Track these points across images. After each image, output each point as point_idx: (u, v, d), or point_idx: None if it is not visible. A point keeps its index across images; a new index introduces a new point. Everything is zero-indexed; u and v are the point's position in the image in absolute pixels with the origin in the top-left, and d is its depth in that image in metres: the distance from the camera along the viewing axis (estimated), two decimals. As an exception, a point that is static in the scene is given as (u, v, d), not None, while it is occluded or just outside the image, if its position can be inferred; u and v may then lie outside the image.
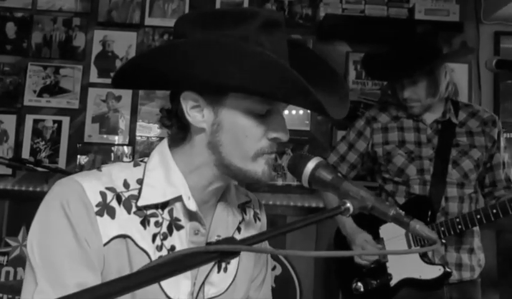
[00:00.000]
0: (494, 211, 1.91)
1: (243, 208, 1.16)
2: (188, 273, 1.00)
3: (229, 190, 1.11)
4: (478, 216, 1.94)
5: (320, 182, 0.89)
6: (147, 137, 3.00)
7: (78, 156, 2.95)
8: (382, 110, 2.26)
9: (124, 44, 3.04)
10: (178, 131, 1.01)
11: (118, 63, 3.03)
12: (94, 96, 3.00)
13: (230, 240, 0.71)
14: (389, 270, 2.12)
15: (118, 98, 3.00)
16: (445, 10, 2.77)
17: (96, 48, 3.04)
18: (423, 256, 2.06)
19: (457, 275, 2.08)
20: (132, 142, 3.00)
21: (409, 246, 2.08)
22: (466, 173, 2.10)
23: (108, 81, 3.02)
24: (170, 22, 3.05)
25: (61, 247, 0.90)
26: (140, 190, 0.98)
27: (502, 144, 2.16)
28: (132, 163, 1.04)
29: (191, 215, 1.01)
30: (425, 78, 2.05)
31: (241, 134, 0.95)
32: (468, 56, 2.25)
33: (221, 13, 0.99)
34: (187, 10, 3.06)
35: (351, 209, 0.82)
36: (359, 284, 2.17)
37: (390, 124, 2.20)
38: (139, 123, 3.01)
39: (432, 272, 2.04)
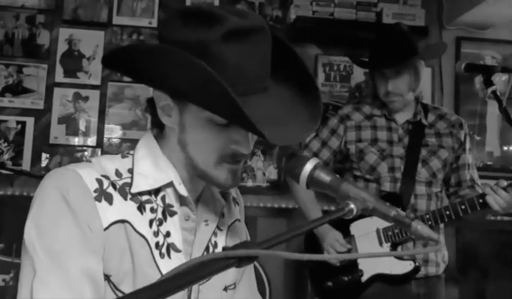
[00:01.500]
0: (463, 207, 1.97)
1: (222, 193, 1.16)
2: (183, 258, 1.00)
3: None
4: (448, 212, 2.00)
5: (319, 183, 0.88)
6: (116, 139, 2.94)
7: (43, 158, 2.86)
8: (356, 109, 2.30)
9: (91, 43, 2.96)
10: (157, 123, 1.03)
11: (85, 63, 2.96)
12: (61, 97, 2.92)
13: (247, 244, 0.70)
14: (360, 267, 2.16)
15: (86, 99, 2.93)
16: (411, 15, 2.86)
17: (62, 47, 2.95)
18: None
19: (424, 270, 2.14)
20: (100, 144, 2.93)
21: (380, 243, 2.13)
22: (435, 172, 2.17)
23: (75, 81, 2.95)
24: (139, 22, 3.01)
25: (62, 235, 0.90)
26: (132, 178, 0.99)
27: (467, 146, 2.25)
28: (119, 155, 1.05)
29: (182, 201, 1.02)
30: (408, 71, 2.11)
31: (202, 141, 0.96)
32: (431, 60, 2.34)
33: (193, 12, 0.94)
34: (156, 10, 3.02)
35: (355, 210, 0.81)
36: (330, 283, 2.21)
37: (364, 122, 2.25)
38: (108, 125, 2.94)
39: (403, 267, 2.09)
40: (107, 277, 0.94)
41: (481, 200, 1.93)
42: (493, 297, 3.21)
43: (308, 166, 0.88)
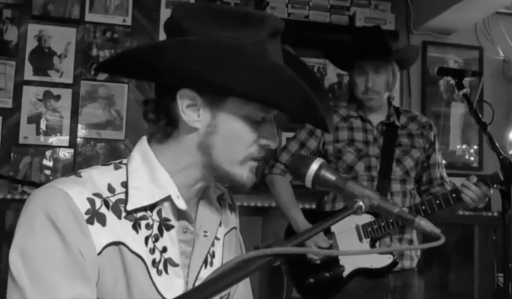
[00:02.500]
0: (438, 202, 2.08)
1: (219, 201, 1.15)
2: (180, 272, 0.99)
3: (209, 186, 1.08)
4: (423, 207, 2.11)
5: (324, 182, 0.90)
6: (90, 139, 2.88)
7: (12, 159, 2.76)
8: (333, 112, 2.37)
9: (63, 40, 2.89)
10: (164, 127, 0.97)
11: (56, 61, 2.87)
12: (30, 95, 2.82)
13: (280, 242, 0.73)
14: (341, 262, 2.22)
15: (57, 98, 2.85)
16: (383, 19, 2.97)
17: (31, 44, 2.86)
18: (373, 247, 2.20)
19: (400, 263, 2.23)
20: (73, 144, 2.86)
21: (360, 239, 2.21)
22: (408, 170, 2.28)
23: (46, 79, 2.86)
24: (112, 19, 2.95)
25: (51, 262, 0.85)
26: (126, 193, 0.94)
27: (437, 146, 2.38)
28: (112, 166, 0.99)
29: (180, 214, 0.99)
30: (386, 70, 2.22)
31: (235, 139, 0.95)
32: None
33: (227, 11, 0.96)
34: (130, 7, 2.98)
35: (363, 207, 0.85)
36: (311, 280, 2.26)
37: (341, 124, 2.32)
38: (81, 125, 2.88)
39: (382, 261, 2.18)
40: None
41: (454, 195, 2.05)
42: (454, 286, 3.40)
43: (314, 166, 0.90)
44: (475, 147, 3.52)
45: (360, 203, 0.85)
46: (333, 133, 2.31)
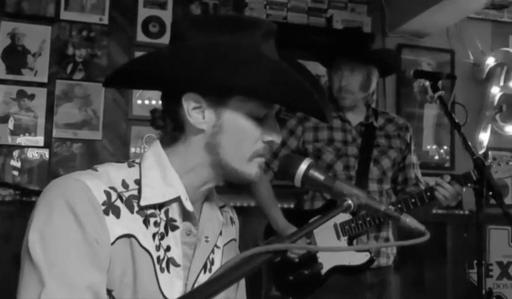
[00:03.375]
0: (413, 200, 2.14)
1: (221, 211, 1.18)
2: (181, 273, 1.01)
3: (212, 193, 1.12)
4: (399, 205, 2.16)
5: (313, 182, 0.93)
6: (66, 140, 2.83)
7: (-15, 159, 2.69)
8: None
9: (37, 38, 2.83)
10: (172, 131, 1.02)
11: (30, 59, 2.82)
12: (3, 95, 2.76)
13: (279, 239, 0.76)
14: (320, 260, 2.26)
15: (31, 97, 2.79)
16: (359, 22, 3.02)
17: (4, 42, 2.79)
18: (351, 245, 2.24)
19: (376, 261, 2.28)
20: (48, 144, 2.81)
21: (338, 236, 2.25)
22: (385, 171, 2.33)
23: (19, 78, 2.80)
24: (89, 18, 2.92)
25: (70, 247, 0.87)
26: (139, 190, 0.98)
27: (412, 147, 2.44)
28: (125, 163, 1.02)
29: (185, 216, 1.02)
30: (361, 71, 2.26)
31: (241, 136, 0.98)
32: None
33: (222, 19, 1.02)
34: (107, 6, 2.94)
35: (352, 206, 0.88)
36: (291, 277, 2.28)
37: (321, 124, 2.36)
38: (56, 125, 2.83)
39: (360, 258, 2.23)
40: (109, 292, 0.93)
41: (428, 194, 2.11)
42: (429, 282, 3.50)
43: (303, 166, 0.93)
44: (447, 147, 3.62)
45: (350, 201, 0.88)
46: (313, 133, 2.35)
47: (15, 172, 2.74)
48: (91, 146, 2.89)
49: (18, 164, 2.74)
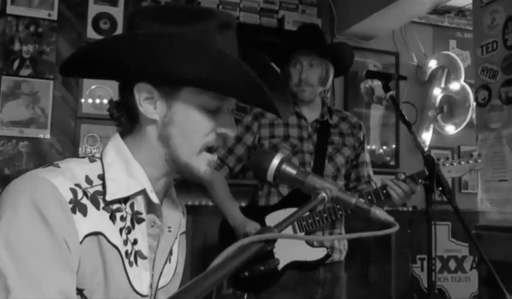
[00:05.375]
0: (369, 197, 2.19)
1: (180, 202, 1.19)
2: (147, 265, 1.01)
3: (172, 184, 1.12)
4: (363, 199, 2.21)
5: (285, 176, 0.94)
6: (12, 138, 2.73)
7: None
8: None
9: (-19, 33, 2.71)
10: (127, 122, 1.02)
11: (-26, 54, 2.70)
12: None
13: (268, 229, 0.77)
14: (276, 255, 2.27)
15: (-26, 93, 2.67)
16: (310, 23, 3.08)
17: None
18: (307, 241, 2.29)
19: (330, 257, 2.34)
20: (-8, 143, 2.70)
21: (294, 232, 2.27)
22: (339, 167, 2.39)
23: (-39, 73, 2.67)
24: (37, 12, 2.82)
25: (37, 251, 0.84)
26: (104, 185, 0.96)
27: (365, 145, 2.51)
28: (87, 159, 1.00)
29: (149, 208, 1.02)
30: (320, 65, 2.32)
31: (191, 128, 0.98)
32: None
33: (178, 9, 1.00)
34: (56, 2, 2.86)
35: (326, 199, 0.89)
36: (246, 273, 2.29)
37: (277, 120, 2.39)
38: (2, 122, 2.72)
39: (316, 254, 2.27)
40: (80, 291, 0.91)
41: (384, 191, 2.17)
42: (373, 276, 3.62)
43: (275, 161, 0.94)
44: (391, 147, 3.76)
45: (324, 194, 0.90)
46: (269, 129, 2.37)
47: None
48: (39, 145, 2.80)
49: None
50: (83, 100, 2.91)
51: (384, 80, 2.25)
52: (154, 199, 1.00)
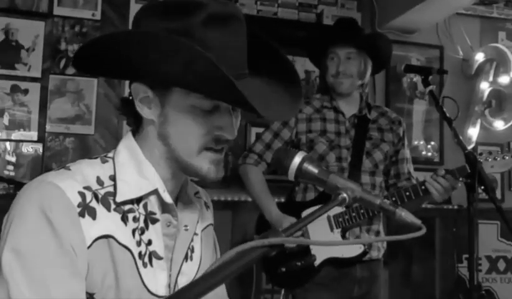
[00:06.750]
0: (407, 193, 2.15)
1: (196, 197, 1.17)
2: (164, 265, 1.00)
3: (187, 181, 1.10)
4: (393, 198, 2.17)
5: (307, 175, 0.91)
6: (59, 134, 2.85)
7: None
8: (306, 103, 2.43)
9: (31, 33, 2.84)
10: (133, 121, 1.02)
11: (24, 54, 2.83)
12: (-3, 89, 2.78)
13: (275, 232, 0.74)
14: (313, 252, 2.27)
15: (25, 92, 2.81)
16: (347, 17, 3.04)
17: (-3, 37, 2.81)
18: (344, 237, 2.27)
19: (368, 254, 2.30)
20: (42, 139, 2.82)
21: (331, 229, 2.26)
22: (377, 163, 2.35)
23: (13, 73, 2.82)
24: (81, 13, 2.93)
25: (45, 257, 0.85)
26: (115, 186, 0.96)
27: (405, 141, 2.46)
28: (99, 159, 1.00)
29: (164, 207, 1.01)
30: (358, 58, 2.29)
31: (184, 129, 0.95)
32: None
33: (172, 3, 0.94)
34: (100, 2, 2.96)
35: (347, 200, 0.86)
36: (283, 269, 2.30)
37: (314, 115, 2.38)
38: (50, 119, 2.85)
39: (354, 250, 2.24)
40: (90, 295, 0.91)
41: (423, 187, 2.11)
42: (417, 276, 3.53)
43: (297, 159, 0.92)
44: (435, 143, 3.66)
45: (344, 195, 0.86)
46: (306, 124, 2.36)
47: (11, 167, 2.75)
48: (84, 141, 2.90)
49: (13, 159, 2.76)
50: (125, 97, 3.00)
51: (423, 74, 2.20)
52: (167, 198, 0.99)
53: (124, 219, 0.95)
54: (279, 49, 1.04)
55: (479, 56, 3.73)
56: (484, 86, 3.73)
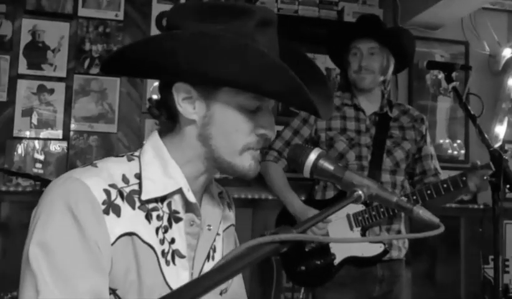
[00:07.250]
0: (445, 185, 2.12)
1: (219, 197, 1.18)
2: (186, 264, 1.01)
3: (211, 181, 1.12)
4: (429, 191, 2.14)
5: (322, 172, 0.91)
6: (83, 132, 2.91)
7: (7, 152, 2.78)
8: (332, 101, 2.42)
9: (56, 35, 2.91)
10: (167, 121, 1.02)
11: (50, 55, 2.90)
12: (24, 89, 2.85)
13: (286, 229, 0.74)
14: (332, 250, 2.26)
15: (51, 91, 2.88)
16: (369, 14, 3.01)
17: (25, 38, 2.88)
18: (364, 236, 2.25)
19: (388, 253, 2.28)
20: (66, 137, 2.89)
21: (351, 227, 2.24)
22: (398, 162, 2.32)
23: (40, 73, 2.89)
24: (105, 14, 2.99)
25: (70, 252, 0.87)
26: (140, 184, 0.97)
27: (428, 139, 2.42)
28: (125, 157, 1.02)
29: (188, 207, 1.02)
30: (381, 53, 2.29)
31: (231, 128, 0.97)
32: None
33: (216, 7, 0.98)
34: (122, 2, 3.01)
35: (362, 196, 0.85)
36: (303, 267, 2.29)
37: (334, 113, 2.36)
38: (74, 118, 2.91)
39: (374, 250, 2.23)
40: (113, 291, 0.93)
41: (464, 178, 2.08)
42: (441, 277, 3.47)
43: (312, 156, 0.91)
44: (460, 141, 3.58)
45: (360, 192, 0.85)
46: (326, 121, 2.35)
47: (39, 165, 2.83)
48: (107, 139, 2.96)
49: (41, 157, 2.84)
50: (147, 96, 3.04)
51: (446, 70, 2.16)
52: (191, 198, 1.01)
53: (148, 217, 0.96)
54: (303, 52, 1.10)
55: (507, 52, 3.63)
56: (512, 83, 3.64)
